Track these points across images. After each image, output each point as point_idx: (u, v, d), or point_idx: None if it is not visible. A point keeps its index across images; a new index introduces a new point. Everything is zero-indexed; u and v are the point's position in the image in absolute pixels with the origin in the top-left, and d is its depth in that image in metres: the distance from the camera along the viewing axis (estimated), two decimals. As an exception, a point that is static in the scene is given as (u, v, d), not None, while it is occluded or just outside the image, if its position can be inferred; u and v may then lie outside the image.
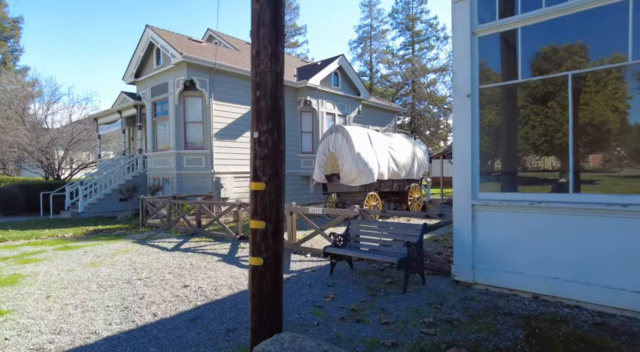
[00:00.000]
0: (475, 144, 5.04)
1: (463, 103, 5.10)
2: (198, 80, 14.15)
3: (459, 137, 5.16)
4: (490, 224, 4.90)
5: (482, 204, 4.93)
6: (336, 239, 5.75)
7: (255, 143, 2.85)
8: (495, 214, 4.85)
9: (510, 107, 5.23)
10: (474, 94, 5.05)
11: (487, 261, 4.92)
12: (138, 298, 4.98)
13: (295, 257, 7.11)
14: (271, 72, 2.84)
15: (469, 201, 5.03)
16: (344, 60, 19.10)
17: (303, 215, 7.51)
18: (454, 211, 5.23)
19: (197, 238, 9.45)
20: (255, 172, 2.85)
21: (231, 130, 15.12)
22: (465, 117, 5.07)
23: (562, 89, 4.70)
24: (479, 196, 5.03)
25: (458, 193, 5.17)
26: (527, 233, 4.62)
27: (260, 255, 2.82)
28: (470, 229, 5.02)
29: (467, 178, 5.06)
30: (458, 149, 5.17)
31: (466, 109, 5.07)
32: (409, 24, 44.01)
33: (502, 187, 5.07)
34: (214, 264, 6.69)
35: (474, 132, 5.04)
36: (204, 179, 14.53)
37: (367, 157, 11.64)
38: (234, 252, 7.63)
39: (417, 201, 14.06)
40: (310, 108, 17.75)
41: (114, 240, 9.56)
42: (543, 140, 4.91)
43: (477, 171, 5.04)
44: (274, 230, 2.84)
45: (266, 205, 2.82)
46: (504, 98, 5.28)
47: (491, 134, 5.24)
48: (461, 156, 5.12)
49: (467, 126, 5.05)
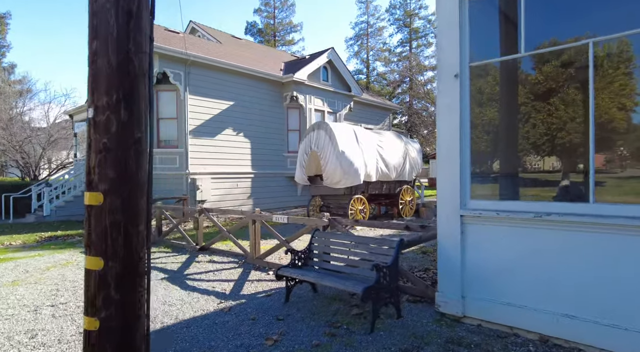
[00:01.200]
0: (465, 137, 3.91)
1: (450, 85, 3.98)
2: (172, 73, 13.02)
3: (444, 129, 4.03)
4: (484, 241, 3.78)
5: (474, 215, 3.81)
6: (295, 257, 4.62)
7: (91, 126, 1.74)
8: (491, 229, 3.73)
9: (511, 91, 4.11)
10: (463, 73, 3.93)
11: (481, 288, 3.80)
12: (28, 337, 3.86)
13: (255, 275, 5.98)
14: (118, 9, 1.72)
15: (457, 211, 3.91)
16: (334, 53, 17.97)
17: (266, 224, 6.39)
18: (438, 222, 4.11)
19: (155, 248, 8.32)
20: (89, 175, 1.74)
21: (209, 127, 13.99)
22: (452, 103, 3.95)
23: (579, 67, 3.58)
24: (469, 204, 3.90)
25: (443, 201, 4.05)
26: (532, 254, 3.49)
27: (95, 315, 1.70)
28: (458, 247, 3.90)
29: (454, 182, 3.93)
30: (443, 145, 4.05)
31: (454, 92, 3.94)
32: (406, 20, 42.91)
33: (500, 194, 3.95)
34: (154, 284, 5.56)
35: (464, 122, 3.92)
36: (178, 180, 13.39)
37: (352, 156, 10.51)
38: (186, 268, 6.50)
39: (409, 204, 12.93)
40: (297, 104, 16.62)
41: (61, 250, 8.43)
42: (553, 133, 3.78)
43: (468, 173, 3.92)
44: (120, 273, 1.72)
45: (105, 230, 1.70)
46: (503, 79, 4.16)
47: (485, 125, 4.12)
48: (447, 154, 4.00)
49: (455, 115, 3.92)
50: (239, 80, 14.87)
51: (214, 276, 5.95)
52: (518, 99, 4.09)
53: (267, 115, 15.93)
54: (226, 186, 14.46)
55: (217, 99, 14.23)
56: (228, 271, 6.20)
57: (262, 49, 21.48)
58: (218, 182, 14.19)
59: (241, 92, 14.99)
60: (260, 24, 48.50)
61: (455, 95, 3.93)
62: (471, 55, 3.94)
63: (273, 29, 48.64)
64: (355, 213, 10.82)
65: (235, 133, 14.82)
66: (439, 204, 4.08)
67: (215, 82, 14.16)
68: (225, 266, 6.59)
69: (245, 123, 15.13)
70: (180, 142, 13.37)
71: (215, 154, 14.16)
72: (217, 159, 14.19)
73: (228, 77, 14.51)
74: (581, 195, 3.54)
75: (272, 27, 48.73)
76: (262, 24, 48.43)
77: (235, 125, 14.80)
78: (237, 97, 14.86)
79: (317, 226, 5.53)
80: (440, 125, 4.08)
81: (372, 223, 5.09)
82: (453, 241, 3.93)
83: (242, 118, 15.02)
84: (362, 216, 11.03)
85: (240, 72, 14.74)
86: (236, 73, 14.67)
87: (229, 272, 6.13)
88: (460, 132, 3.91)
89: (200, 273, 6.15)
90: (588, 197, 3.32)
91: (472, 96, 3.94)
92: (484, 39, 4.03)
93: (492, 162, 4.18)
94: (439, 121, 4.09)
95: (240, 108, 14.97)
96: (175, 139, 13.49)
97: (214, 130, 14.14)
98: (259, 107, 15.61)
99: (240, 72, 14.70)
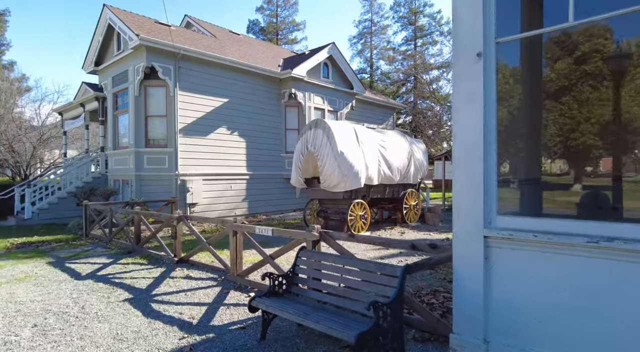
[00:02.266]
0: (490, 134, 3.02)
1: (470, 68, 3.08)
2: (160, 68, 12.18)
3: (462, 124, 3.14)
4: (516, 272, 2.88)
5: (503, 237, 2.91)
6: (275, 283, 3.74)
7: None
8: (526, 255, 2.84)
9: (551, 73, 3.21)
10: (488, 52, 3.03)
11: (511, 332, 2.90)
12: None
13: (233, 296, 5.11)
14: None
15: (480, 230, 3.01)
16: (335, 49, 17.08)
17: (248, 235, 5.51)
18: (454, 245, 3.21)
19: (131, 258, 7.48)
20: None
21: (200, 125, 13.14)
22: (474, 90, 3.05)
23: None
24: (496, 222, 3.01)
25: (460, 216, 3.15)
26: (585, 294, 2.60)
27: None
28: (481, 278, 3.00)
29: (475, 192, 3.04)
30: (461, 145, 3.15)
31: (476, 76, 3.04)
32: (411, 18, 41.93)
33: (538, 209, 3.06)
34: (113, 308, 4.70)
35: (489, 115, 3.02)
36: (167, 181, 12.56)
37: (352, 157, 9.62)
38: (157, 285, 5.64)
39: (414, 209, 12.02)
40: (296, 102, 15.76)
41: (27, 259, 7.60)
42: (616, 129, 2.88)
43: (494, 181, 3.02)
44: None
45: None
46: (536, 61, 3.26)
47: (517, 119, 3.22)
48: (466, 156, 3.10)
49: (478, 105, 3.03)
50: (233, 76, 14.02)
51: (186, 298, 5.08)
52: (567, 86, 3.19)
53: (263, 114, 15.08)
54: (219, 188, 13.62)
55: (210, 95, 13.38)
56: (203, 291, 5.33)
57: (261, 45, 20.62)
58: (210, 184, 13.35)
59: (236, 89, 14.14)
60: (263, 22, 47.73)
61: (478, 80, 3.04)
62: (497, 30, 3.04)
63: (275, 27, 47.84)
64: (355, 219, 9.93)
65: (229, 132, 13.96)
66: (455, 220, 3.18)
67: (207, 78, 13.31)
68: (202, 283, 5.72)
69: (240, 121, 14.28)
70: (170, 142, 12.54)
71: (208, 154, 13.32)
72: (209, 159, 13.35)
73: (222, 72, 13.66)
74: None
75: (274, 25, 47.92)
76: (264, 23, 47.64)
77: (230, 124, 13.95)
78: (232, 94, 14.01)
79: (306, 241, 4.65)
80: (458, 119, 3.18)
81: (371, 239, 4.20)
82: (474, 269, 3.04)
83: (237, 116, 14.17)
84: (363, 222, 10.14)
85: (235, 68, 13.88)
86: (230, 68, 13.82)
87: (205, 293, 5.26)
88: (485, 128, 3.01)
89: (172, 293, 5.29)
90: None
91: (500, 83, 3.04)
92: (514, 7, 3.13)
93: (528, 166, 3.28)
94: (456, 114, 3.19)
95: (235, 105, 14.12)
96: (165, 137, 12.66)
97: (206, 129, 13.30)
98: (255, 105, 14.76)
99: (235, 67, 13.85)
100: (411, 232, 10.59)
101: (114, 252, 8.22)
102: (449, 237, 9.61)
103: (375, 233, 10.32)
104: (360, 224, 10.06)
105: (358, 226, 10.00)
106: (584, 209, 3.12)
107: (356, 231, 9.91)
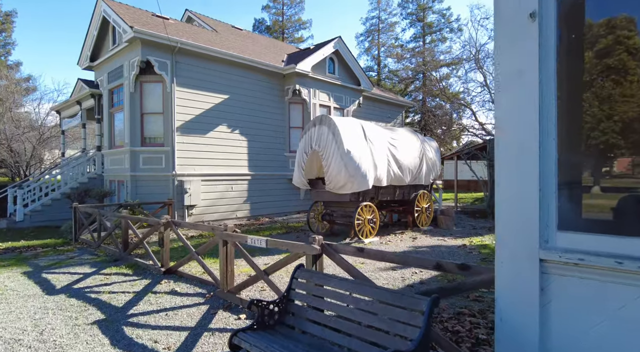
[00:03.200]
0: (549, 120, 2.23)
1: (520, 34, 2.30)
2: (157, 62, 11.51)
3: (509, 107, 2.35)
4: (589, 312, 2.09)
5: (568, 262, 2.12)
6: (264, 311, 2.98)
7: None
8: (602, 288, 2.05)
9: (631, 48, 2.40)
10: (545, 10, 2.24)
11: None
12: None
13: (221, 318, 4.36)
14: None
15: (533, 251, 2.22)
16: (341, 43, 16.29)
17: (240, 246, 4.76)
18: (496, 269, 2.42)
19: (116, 267, 6.78)
20: None
21: (199, 123, 12.45)
22: (525, 62, 2.27)
23: None
24: (556, 240, 2.21)
25: (505, 232, 2.36)
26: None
27: None
28: (535, 316, 2.21)
29: (526, 199, 2.25)
30: (507, 135, 2.37)
31: (528, 44, 2.26)
32: (419, 14, 40.94)
33: (617, 223, 2.25)
34: (77, 334, 3.98)
35: (547, 93, 2.23)
36: (164, 182, 11.88)
37: (360, 156, 8.85)
38: (136, 303, 4.91)
39: (426, 211, 11.20)
40: (300, 99, 15.01)
41: (3, 269, 6.94)
42: None
43: (553, 186, 2.23)
44: None
45: None
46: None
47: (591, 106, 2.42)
48: (513, 149, 2.32)
49: (531, 82, 2.24)
50: (234, 71, 13.31)
51: (166, 319, 4.35)
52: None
53: (266, 111, 14.34)
54: (219, 189, 12.91)
55: (210, 91, 12.68)
56: (188, 311, 4.60)
57: (264, 40, 19.90)
58: (209, 184, 12.65)
59: (237, 85, 13.42)
60: (269, 20, 47.09)
61: (531, 49, 2.25)
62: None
63: (281, 26, 47.18)
64: (363, 223, 9.15)
65: (230, 130, 13.26)
66: (498, 237, 2.40)
67: (207, 73, 12.61)
68: (188, 300, 4.99)
69: (242, 119, 13.56)
70: (167, 140, 11.86)
71: (207, 154, 12.62)
72: (208, 159, 12.65)
73: (222, 67, 12.95)
74: None
75: (280, 24, 47.27)
76: (270, 21, 47.01)
77: (230, 122, 13.24)
78: (233, 90, 13.29)
79: (306, 255, 3.90)
80: (502, 104, 2.39)
81: (384, 255, 3.42)
82: (524, 306, 2.25)
83: (238, 114, 13.46)
84: (371, 227, 9.35)
85: (236, 62, 13.17)
86: (231, 63, 13.10)
87: (189, 313, 4.53)
88: (540, 112, 2.23)
89: (151, 313, 4.56)
90: None
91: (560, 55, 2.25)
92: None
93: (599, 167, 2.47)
94: (500, 96, 2.40)
95: (236, 102, 13.40)
96: (161, 136, 11.99)
97: (205, 127, 12.60)
98: (257, 102, 14.03)
99: (236, 62, 13.13)
100: (424, 237, 9.79)
101: (100, 259, 7.54)
102: (466, 244, 8.78)
103: (385, 238, 9.52)
104: (369, 228, 9.28)
105: (366, 231, 9.22)
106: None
107: (364, 236, 9.13)
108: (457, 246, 8.52)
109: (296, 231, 10.92)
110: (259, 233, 10.51)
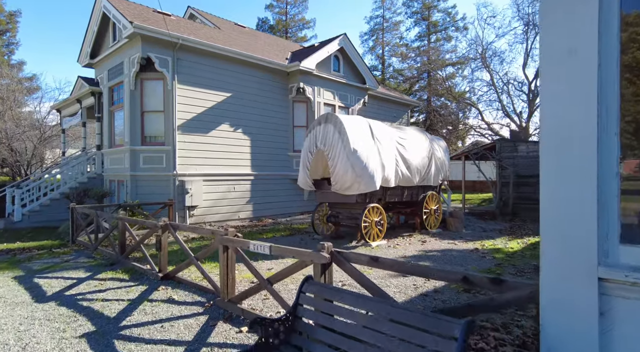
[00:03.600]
0: (611, 110, 1.87)
1: (572, 5, 1.94)
2: (157, 59, 11.19)
3: (558, 94, 1.99)
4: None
5: (636, 283, 1.76)
6: (269, 330, 2.63)
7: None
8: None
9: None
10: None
11: None
12: None
13: (221, 331, 4.01)
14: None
15: (591, 269, 1.86)
16: (347, 41, 15.93)
17: (242, 251, 4.41)
18: (542, 287, 2.06)
19: (112, 272, 6.45)
20: None
21: (201, 121, 12.12)
22: (577, 39, 1.91)
23: None
24: (618, 255, 1.85)
25: (553, 244, 2.00)
26: None
27: None
28: (595, 345, 1.85)
29: (580, 204, 1.89)
30: (555, 128, 2.01)
31: (581, 18, 1.90)
32: (424, 13, 40.51)
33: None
34: (63, 349, 3.64)
35: (606, 77, 1.87)
36: (165, 182, 11.56)
37: (367, 156, 8.48)
38: (130, 312, 4.57)
39: (434, 213, 10.81)
40: (305, 97, 14.65)
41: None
42: None
43: (615, 185, 1.87)
44: None
45: None
46: None
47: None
48: (563, 145, 1.96)
49: (587, 62, 1.88)
50: (237, 68, 12.97)
51: (162, 332, 4.00)
52: None
53: (269, 110, 14.00)
54: (221, 189, 12.58)
55: (211, 89, 12.35)
56: (185, 322, 4.25)
57: (268, 38, 19.56)
58: (211, 184, 12.32)
59: (240, 83, 13.09)
60: (272, 20, 46.79)
61: (586, 24, 1.89)
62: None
63: (285, 25, 46.86)
64: (370, 226, 8.78)
65: (233, 129, 12.92)
66: (543, 251, 2.03)
67: (209, 71, 12.28)
68: (186, 309, 4.65)
69: (245, 118, 13.22)
70: (168, 139, 11.54)
71: (209, 153, 12.29)
72: (210, 158, 12.32)
73: (224, 64, 12.62)
74: None
75: (283, 23, 46.96)
76: (273, 20, 46.71)
77: (233, 120, 12.90)
78: (235, 89, 12.96)
79: (314, 264, 3.54)
80: (550, 88, 2.03)
81: (402, 266, 3.05)
82: (579, 331, 1.89)
83: (241, 112, 13.12)
84: (379, 229, 8.98)
85: (239, 60, 12.83)
86: (234, 60, 12.77)
87: (187, 324, 4.18)
88: (600, 100, 1.86)
89: (146, 324, 4.22)
90: None
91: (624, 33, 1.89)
92: None
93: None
94: (546, 80, 2.04)
95: (239, 101, 13.07)
96: (162, 134, 11.67)
97: (207, 126, 12.27)
98: (260, 100, 13.69)
99: (239, 59, 12.79)
100: (433, 240, 9.41)
101: (96, 263, 7.22)
102: (478, 248, 8.39)
103: (393, 241, 9.15)
104: (376, 231, 8.91)
105: (373, 234, 8.85)
106: None
107: (371, 239, 8.76)
108: (469, 250, 8.14)
109: (300, 233, 10.58)
110: (262, 235, 10.17)
